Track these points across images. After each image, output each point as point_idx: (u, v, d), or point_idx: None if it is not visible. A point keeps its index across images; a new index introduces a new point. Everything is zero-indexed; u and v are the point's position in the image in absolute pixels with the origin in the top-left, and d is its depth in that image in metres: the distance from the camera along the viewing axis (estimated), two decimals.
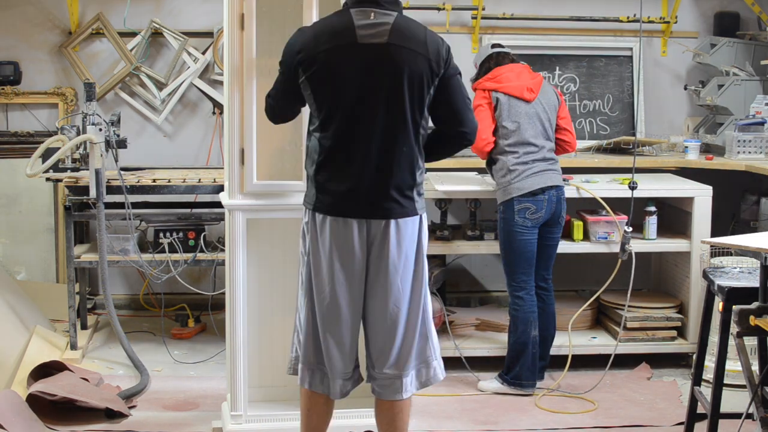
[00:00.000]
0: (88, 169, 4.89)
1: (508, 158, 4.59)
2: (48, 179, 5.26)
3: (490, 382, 4.75)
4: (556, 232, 4.72)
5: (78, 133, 4.94)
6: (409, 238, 3.30)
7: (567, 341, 4.92)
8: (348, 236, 3.27)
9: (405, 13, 3.38)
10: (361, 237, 3.28)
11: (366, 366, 3.46)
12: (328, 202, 3.28)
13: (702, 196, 5.08)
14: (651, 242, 5.12)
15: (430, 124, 3.40)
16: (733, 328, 3.26)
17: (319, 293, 3.35)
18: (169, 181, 5.09)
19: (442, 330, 5.14)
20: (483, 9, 5.99)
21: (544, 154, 4.63)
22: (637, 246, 4.93)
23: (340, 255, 3.29)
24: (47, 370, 4.48)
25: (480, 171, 5.30)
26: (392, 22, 3.24)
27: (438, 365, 3.44)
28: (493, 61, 4.79)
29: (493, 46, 4.88)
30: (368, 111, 3.22)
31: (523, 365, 4.64)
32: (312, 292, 3.37)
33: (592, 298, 5.10)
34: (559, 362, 4.85)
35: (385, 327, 3.35)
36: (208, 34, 5.98)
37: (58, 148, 4.80)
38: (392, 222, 3.27)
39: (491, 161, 4.70)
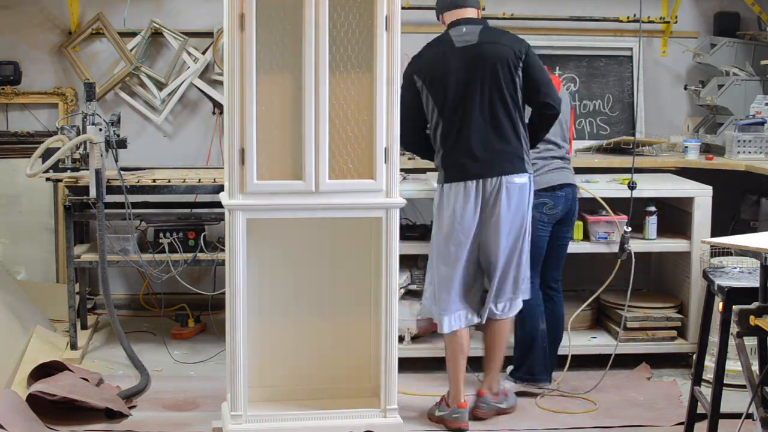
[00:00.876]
0: (88, 169, 4.89)
1: (530, 152, 4.56)
2: (48, 179, 5.26)
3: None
4: (567, 231, 4.72)
5: (78, 133, 4.94)
6: (519, 194, 4.22)
7: (567, 341, 4.91)
8: (466, 199, 4.21)
9: (406, 12, 3.46)
10: (477, 195, 4.21)
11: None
12: (458, 171, 4.24)
13: (702, 196, 5.08)
14: (651, 242, 5.12)
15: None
16: (733, 328, 3.26)
17: (450, 248, 4.29)
18: (169, 181, 5.09)
19: None
20: (483, 9, 5.97)
21: (563, 153, 4.65)
22: (637, 246, 4.93)
23: (458, 211, 4.24)
24: (47, 370, 4.48)
25: None
26: (479, 29, 4.30)
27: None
28: None
29: None
30: (476, 94, 4.21)
31: (535, 358, 4.63)
32: (446, 247, 4.30)
33: (591, 298, 5.09)
34: (559, 362, 4.85)
35: (504, 263, 4.32)
36: (208, 34, 5.98)
37: (58, 148, 4.80)
38: (504, 179, 4.19)
39: None
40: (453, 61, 4.24)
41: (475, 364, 4.93)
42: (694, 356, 3.87)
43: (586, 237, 5.07)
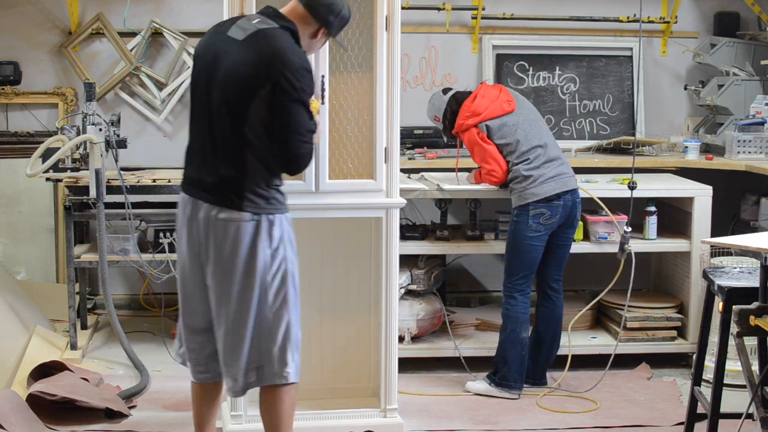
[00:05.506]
0: (88, 169, 4.89)
1: (520, 167, 4.57)
2: (48, 179, 5.25)
3: (478, 382, 4.73)
4: (570, 233, 4.70)
5: (78, 133, 4.94)
6: (231, 237, 3.23)
7: (567, 341, 4.91)
8: (183, 217, 3.37)
9: (406, 12, 3.38)
10: (192, 223, 3.31)
11: None
12: (181, 179, 3.41)
13: (702, 196, 5.08)
14: (651, 242, 5.12)
15: None
16: (733, 328, 3.26)
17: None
18: (169, 181, 5.09)
19: (442, 330, 5.15)
20: (483, 9, 5.99)
21: (551, 152, 4.61)
22: (637, 246, 4.93)
23: (179, 230, 3.41)
24: (47, 370, 4.48)
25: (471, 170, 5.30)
26: (262, 27, 3.24)
27: (267, 371, 3.32)
28: (455, 104, 4.75)
29: (444, 91, 4.85)
30: (207, 99, 3.26)
31: (511, 367, 4.62)
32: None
33: (594, 300, 5.10)
34: (559, 362, 4.85)
35: (217, 323, 3.35)
36: None
37: (58, 148, 4.79)
38: (213, 210, 3.24)
39: None
40: (209, 49, 3.34)
41: (476, 363, 4.93)
42: (694, 356, 3.87)
43: (586, 237, 5.07)
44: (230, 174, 3.24)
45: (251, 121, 3.20)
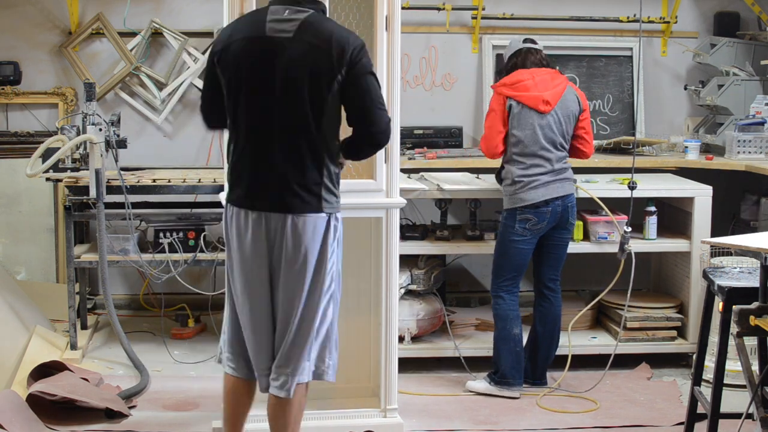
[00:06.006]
0: (88, 169, 4.89)
1: (514, 168, 4.55)
2: (48, 179, 5.26)
3: (478, 382, 4.74)
4: (564, 234, 4.69)
5: (78, 133, 4.94)
6: (309, 235, 3.28)
7: (567, 341, 4.91)
8: (246, 229, 3.31)
9: (406, 12, 3.40)
10: (258, 230, 3.29)
11: None
12: (236, 194, 3.35)
13: (702, 196, 5.08)
14: (651, 242, 5.12)
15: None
16: (733, 328, 3.26)
17: (233, 285, 3.43)
18: (169, 181, 5.09)
19: (442, 330, 5.15)
20: (483, 9, 5.99)
21: (552, 166, 4.55)
22: (637, 246, 4.93)
23: (241, 248, 3.34)
24: (47, 370, 4.48)
25: (474, 172, 5.31)
26: (303, 18, 3.27)
27: (307, 368, 3.37)
28: (519, 59, 4.66)
29: (525, 41, 4.73)
30: (267, 103, 3.26)
31: (506, 364, 4.63)
32: (231, 283, 3.45)
33: (594, 300, 5.10)
34: (559, 362, 4.85)
35: (282, 323, 3.36)
36: (208, 34, 5.98)
37: (58, 148, 4.80)
38: (290, 217, 3.26)
39: (500, 167, 4.69)
40: (254, 53, 3.28)
41: (476, 363, 4.93)
42: (694, 356, 3.87)
43: (586, 237, 5.07)
44: (308, 174, 3.26)
45: (330, 112, 3.25)
